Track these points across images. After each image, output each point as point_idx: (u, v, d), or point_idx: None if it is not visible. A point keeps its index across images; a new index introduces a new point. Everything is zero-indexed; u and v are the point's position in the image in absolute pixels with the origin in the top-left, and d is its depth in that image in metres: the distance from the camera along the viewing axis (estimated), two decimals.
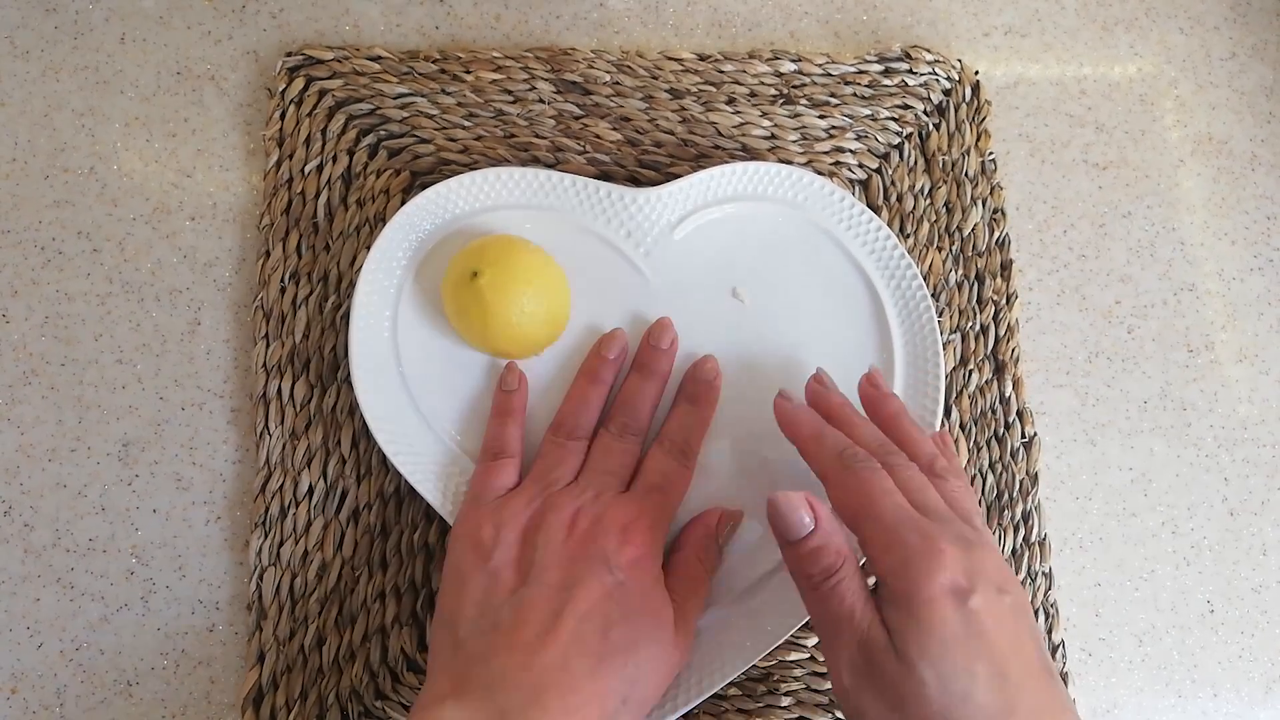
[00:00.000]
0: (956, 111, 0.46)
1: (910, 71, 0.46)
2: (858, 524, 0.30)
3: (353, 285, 0.40)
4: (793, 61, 0.45)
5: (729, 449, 0.39)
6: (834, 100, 0.45)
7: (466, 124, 0.44)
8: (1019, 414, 0.42)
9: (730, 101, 0.45)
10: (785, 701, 0.38)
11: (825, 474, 0.32)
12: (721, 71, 0.45)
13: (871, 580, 0.32)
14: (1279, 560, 0.42)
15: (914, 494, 0.31)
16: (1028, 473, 0.41)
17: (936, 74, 0.46)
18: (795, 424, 0.34)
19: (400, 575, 0.38)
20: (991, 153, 0.45)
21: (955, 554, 0.28)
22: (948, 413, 0.42)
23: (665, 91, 0.45)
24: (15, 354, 0.41)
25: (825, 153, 0.44)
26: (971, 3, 0.49)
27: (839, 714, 0.38)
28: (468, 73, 0.44)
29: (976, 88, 0.46)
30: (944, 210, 0.44)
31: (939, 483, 0.32)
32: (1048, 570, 0.40)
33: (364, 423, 0.39)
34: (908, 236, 0.44)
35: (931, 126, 0.45)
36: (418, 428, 0.38)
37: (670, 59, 0.45)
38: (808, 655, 0.39)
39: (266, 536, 0.38)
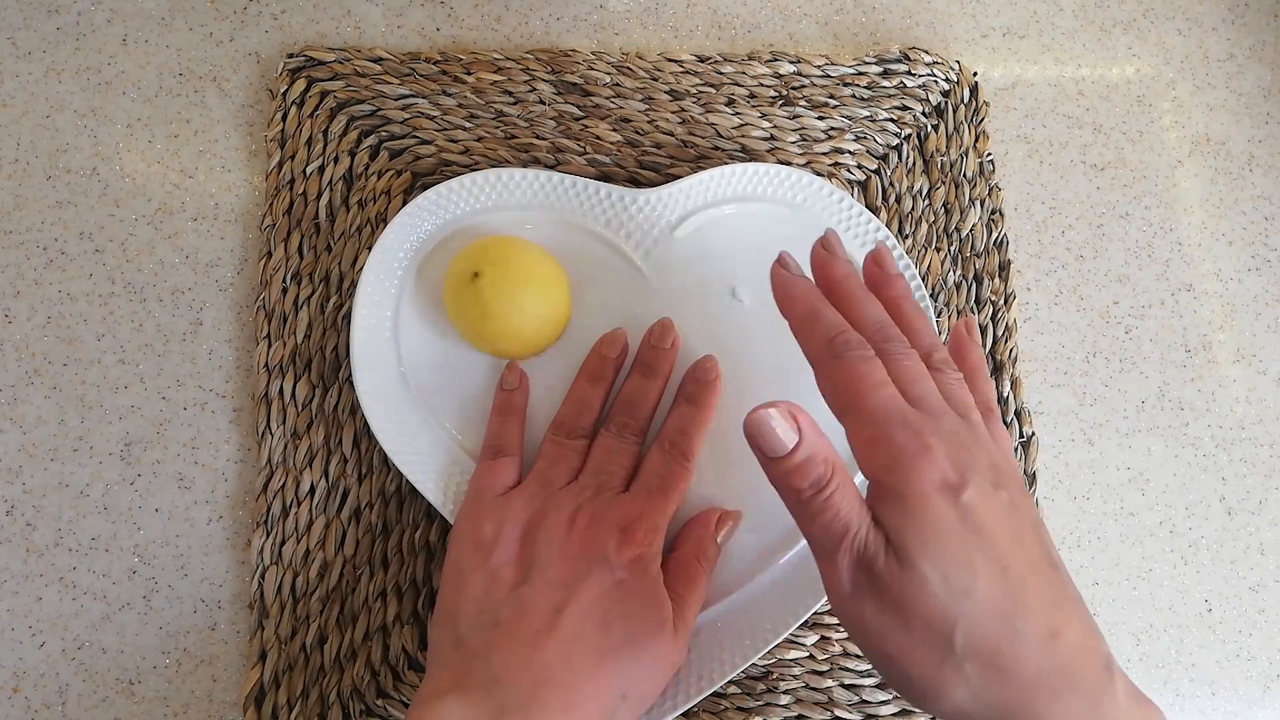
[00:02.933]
0: (955, 113, 0.46)
1: (909, 73, 0.46)
2: (844, 416, 0.29)
3: (354, 285, 0.40)
4: (792, 63, 0.46)
5: (728, 448, 0.39)
6: (833, 101, 0.45)
7: (467, 125, 0.44)
8: (1017, 413, 0.42)
9: (730, 103, 0.45)
10: (784, 700, 0.38)
11: (814, 360, 0.30)
12: (721, 73, 0.45)
13: (859, 478, 0.31)
14: (1276, 559, 0.42)
15: (908, 385, 0.29)
16: (1025, 472, 0.41)
17: (935, 75, 0.46)
18: (789, 298, 0.32)
19: (401, 574, 0.39)
20: (990, 154, 0.46)
21: (944, 449, 0.27)
22: None
23: (665, 93, 0.45)
24: (18, 354, 0.41)
25: (824, 154, 0.45)
26: (970, 4, 0.49)
27: (838, 712, 0.38)
28: (468, 74, 0.44)
29: (975, 89, 0.46)
30: (942, 211, 0.44)
31: (936, 375, 0.31)
32: None
33: (365, 422, 0.39)
34: (906, 237, 0.44)
35: (930, 128, 0.46)
36: (419, 427, 0.38)
37: (670, 60, 0.45)
38: (806, 654, 0.39)
39: (268, 535, 0.39)
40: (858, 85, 0.46)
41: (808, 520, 0.28)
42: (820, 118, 0.45)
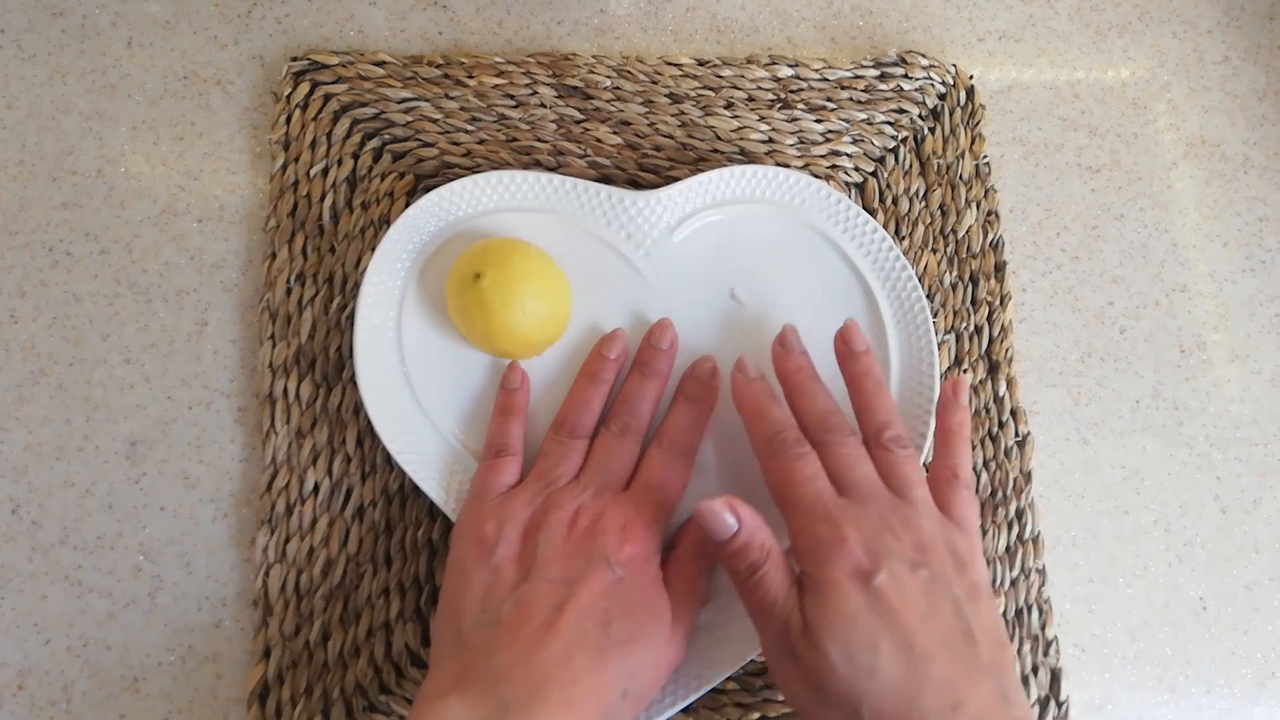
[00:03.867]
0: (951, 115, 0.46)
1: (905, 76, 0.46)
2: (782, 508, 0.32)
3: (357, 286, 0.40)
4: (790, 67, 0.46)
5: (727, 447, 0.40)
6: (830, 105, 0.46)
7: (469, 128, 0.44)
8: (1012, 413, 0.43)
9: (729, 106, 0.45)
10: (782, 696, 0.39)
11: (758, 457, 0.35)
12: (720, 76, 0.46)
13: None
14: (1271, 558, 0.43)
15: (841, 473, 0.33)
16: (1021, 471, 0.42)
17: (931, 79, 0.46)
18: (740, 400, 0.36)
19: (404, 571, 0.39)
20: (986, 156, 0.46)
21: (859, 538, 0.30)
22: None
23: (665, 96, 0.45)
24: (24, 354, 0.41)
25: (822, 156, 0.45)
26: (966, 8, 0.50)
27: None
28: (470, 77, 0.45)
29: (971, 92, 0.47)
30: (939, 213, 0.45)
31: (881, 454, 0.34)
32: (1041, 567, 0.41)
33: (368, 421, 0.39)
34: (903, 239, 0.44)
35: (926, 130, 0.46)
36: (421, 426, 0.39)
37: (670, 64, 0.46)
38: None
39: (272, 533, 0.39)
40: (855, 88, 0.46)
41: (745, 595, 0.32)
42: (818, 120, 0.45)
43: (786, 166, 0.44)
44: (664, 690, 0.35)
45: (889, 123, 0.46)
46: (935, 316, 0.43)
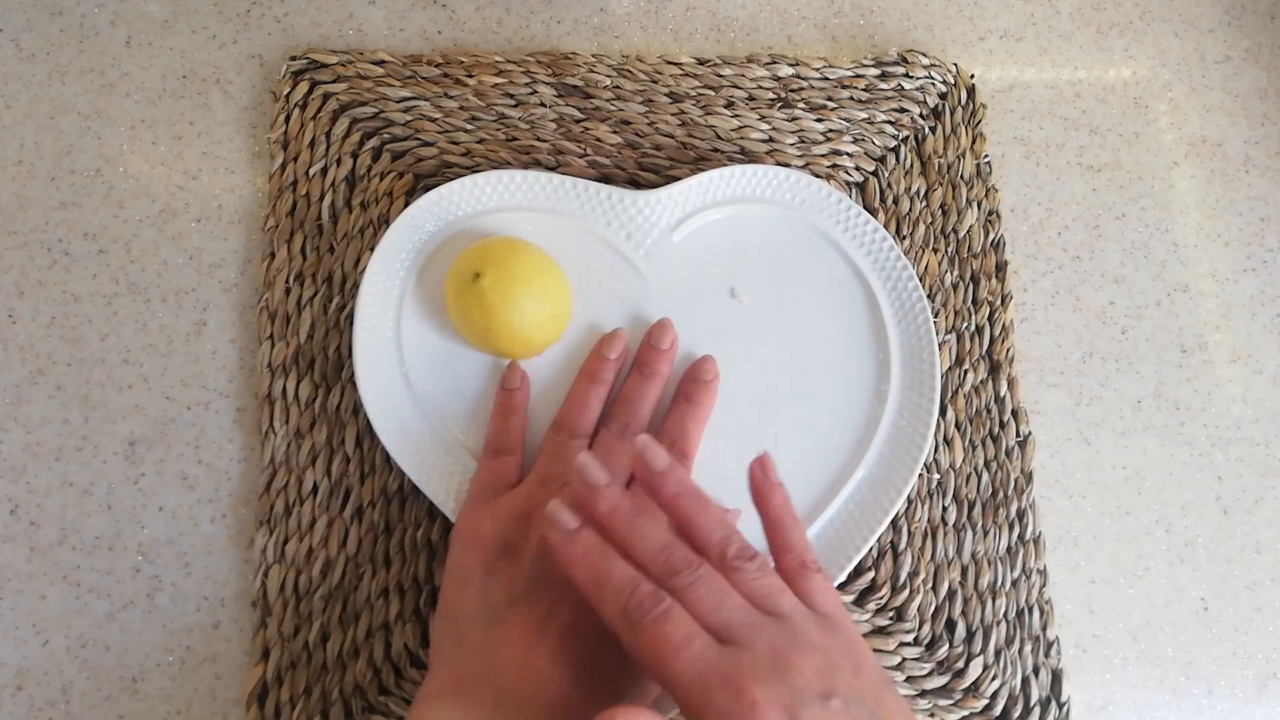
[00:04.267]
0: (952, 115, 0.46)
1: (906, 75, 0.46)
2: (666, 686, 0.28)
3: (357, 286, 0.40)
4: (790, 66, 0.46)
5: (727, 447, 0.40)
6: (831, 104, 0.46)
7: (469, 127, 0.44)
8: (1014, 413, 0.42)
9: (729, 105, 0.45)
10: None
11: (617, 632, 0.29)
12: (720, 76, 0.46)
13: None
14: (1272, 558, 0.43)
15: (711, 617, 0.28)
16: (1022, 471, 0.42)
17: (932, 78, 0.46)
18: (570, 566, 0.30)
19: (403, 572, 0.39)
20: (987, 155, 0.46)
21: (770, 695, 0.26)
22: (943, 412, 0.42)
23: (665, 95, 0.45)
24: (22, 354, 0.41)
25: (822, 156, 0.45)
26: (967, 7, 0.49)
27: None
28: (470, 77, 0.45)
29: (972, 91, 0.47)
30: (940, 212, 0.45)
31: (733, 576, 0.30)
32: (1042, 568, 0.41)
33: (368, 421, 0.39)
34: (904, 238, 0.44)
35: (927, 130, 0.46)
36: (420, 427, 0.39)
37: (670, 63, 0.46)
38: None
39: (271, 534, 0.39)
40: (856, 88, 0.46)
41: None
42: (818, 120, 0.45)
43: (787, 166, 0.44)
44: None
45: (890, 122, 0.46)
46: (936, 316, 0.43)
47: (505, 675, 0.30)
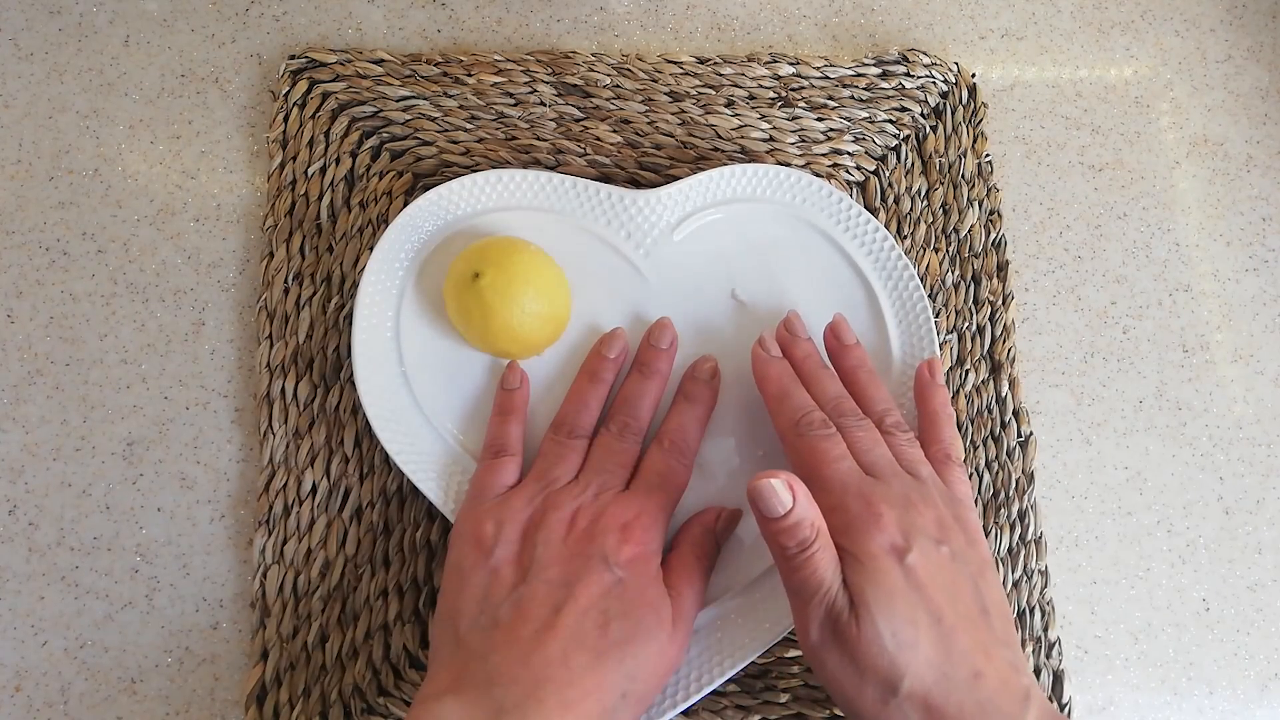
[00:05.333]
0: (953, 114, 0.46)
1: (907, 74, 0.46)
2: (810, 485, 0.32)
3: (355, 286, 0.40)
4: (791, 65, 0.46)
5: (727, 447, 0.39)
6: (832, 103, 0.45)
7: (468, 126, 0.44)
8: (1015, 413, 0.42)
9: (729, 104, 0.45)
10: (783, 698, 0.38)
11: (784, 437, 0.35)
12: (720, 75, 0.46)
13: None
14: (1274, 559, 0.43)
15: (862, 454, 0.34)
16: (1024, 471, 0.42)
17: (933, 77, 0.46)
18: (764, 379, 0.37)
19: (402, 573, 0.39)
20: (988, 155, 0.46)
21: (892, 515, 0.32)
22: None
23: (665, 94, 0.45)
24: (20, 354, 0.41)
25: (823, 155, 0.45)
26: (968, 6, 0.49)
27: (835, 710, 0.38)
28: (469, 76, 0.45)
29: (973, 90, 0.46)
30: (941, 212, 0.45)
31: (888, 438, 0.35)
32: (1044, 568, 0.41)
33: (366, 422, 0.39)
34: (905, 238, 0.44)
35: (928, 129, 0.46)
36: (420, 427, 0.39)
37: (670, 62, 0.46)
38: None
39: (270, 535, 0.39)
40: (856, 86, 0.46)
41: (790, 573, 0.32)
42: (819, 119, 0.45)
43: (788, 165, 0.44)
44: (664, 692, 0.35)
45: (891, 121, 0.45)
46: (937, 316, 0.43)
47: (505, 676, 0.30)
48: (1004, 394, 0.43)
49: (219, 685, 0.38)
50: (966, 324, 0.43)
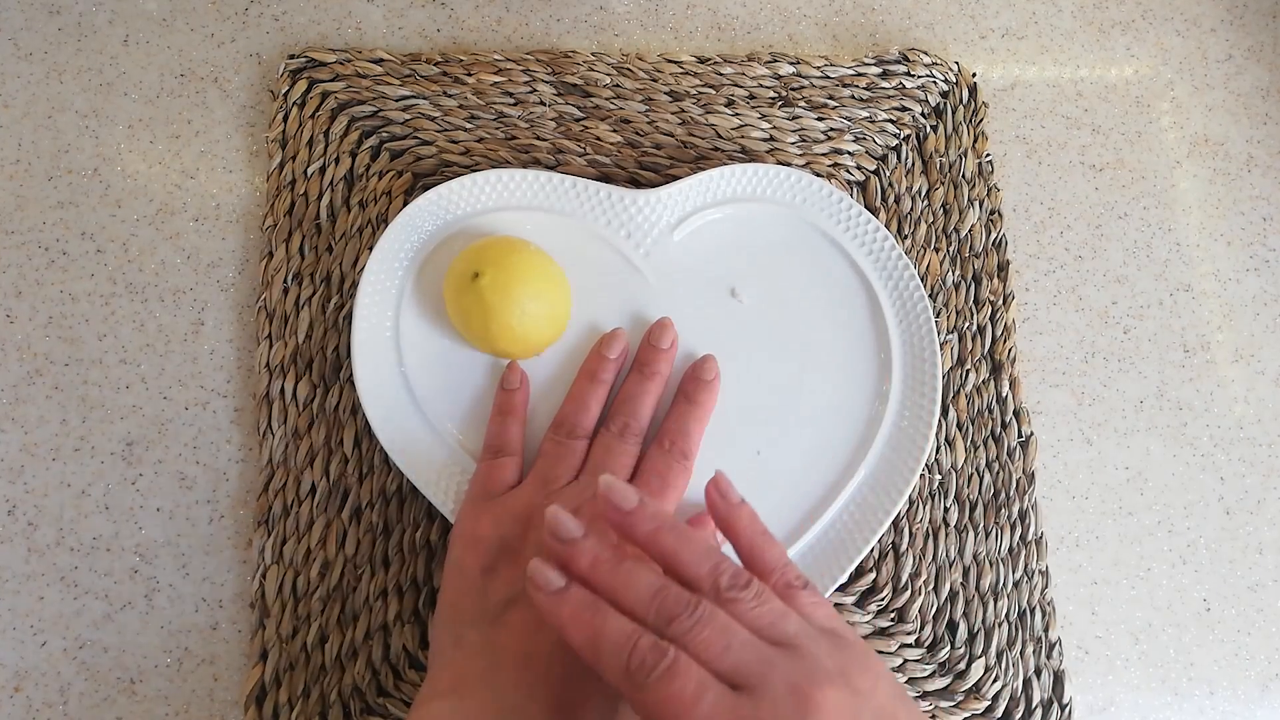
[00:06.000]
0: (954, 113, 0.46)
1: (908, 74, 0.46)
2: None
3: (355, 286, 0.40)
4: (791, 64, 0.46)
5: (728, 448, 0.39)
6: (832, 102, 0.45)
7: (468, 126, 0.44)
8: (1016, 413, 0.42)
9: (729, 104, 0.45)
10: None
11: (622, 693, 0.27)
12: (720, 74, 0.45)
13: None
14: (1275, 559, 0.42)
15: (717, 663, 0.26)
16: (1024, 471, 0.42)
17: (934, 76, 0.46)
18: (562, 626, 0.27)
19: (402, 573, 0.39)
20: (988, 154, 0.46)
21: (834, 695, 0.26)
22: (945, 412, 0.42)
23: (665, 94, 0.45)
24: (19, 354, 0.41)
25: (823, 154, 0.45)
26: (969, 6, 0.49)
27: None
28: (469, 75, 0.44)
29: (974, 90, 0.46)
30: (941, 211, 0.45)
31: (732, 608, 0.28)
32: (1044, 568, 0.40)
33: (366, 422, 0.39)
34: (905, 238, 0.44)
35: (929, 128, 0.46)
36: (419, 427, 0.38)
37: (670, 62, 0.46)
38: None
39: (269, 535, 0.39)
40: (857, 86, 0.46)
41: None
42: (819, 119, 0.45)
43: (788, 165, 0.44)
44: None
45: (891, 121, 0.45)
46: (938, 316, 0.43)
47: (504, 676, 0.30)
48: (1004, 394, 0.42)
49: (218, 686, 0.38)
50: (967, 324, 0.43)
